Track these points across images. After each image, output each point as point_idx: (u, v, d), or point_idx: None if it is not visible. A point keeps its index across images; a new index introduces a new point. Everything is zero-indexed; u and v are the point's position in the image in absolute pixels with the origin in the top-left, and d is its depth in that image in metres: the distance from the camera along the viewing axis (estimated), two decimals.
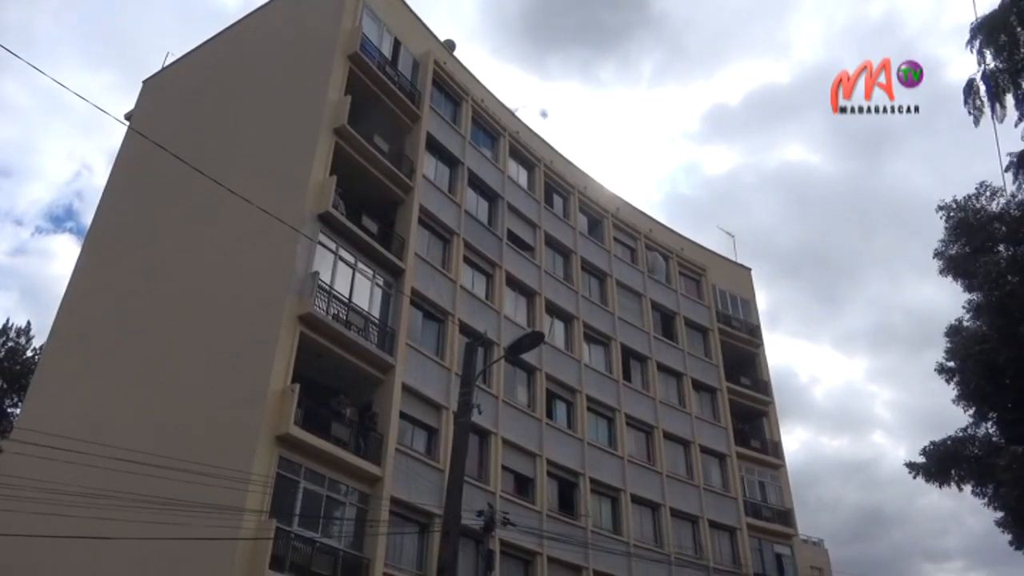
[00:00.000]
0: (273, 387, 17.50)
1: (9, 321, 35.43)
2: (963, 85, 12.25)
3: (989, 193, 15.42)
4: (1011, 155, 14.58)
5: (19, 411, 27.97)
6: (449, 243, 25.30)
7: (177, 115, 26.88)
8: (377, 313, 21.22)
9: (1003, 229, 15.35)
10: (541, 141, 32.32)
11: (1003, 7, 12.04)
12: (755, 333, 37.49)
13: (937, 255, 15.75)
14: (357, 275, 21.01)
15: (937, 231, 17.42)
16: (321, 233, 20.33)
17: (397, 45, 25.90)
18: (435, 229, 24.92)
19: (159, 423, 18.60)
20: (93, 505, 13.37)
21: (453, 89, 28.23)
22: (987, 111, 12.10)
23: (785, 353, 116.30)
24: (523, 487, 24.15)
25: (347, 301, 20.23)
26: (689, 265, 36.68)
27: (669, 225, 37.64)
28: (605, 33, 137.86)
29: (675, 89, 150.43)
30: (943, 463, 15.06)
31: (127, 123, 27.87)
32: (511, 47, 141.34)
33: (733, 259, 39.94)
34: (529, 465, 24.47)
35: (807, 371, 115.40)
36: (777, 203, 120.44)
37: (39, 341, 33.65)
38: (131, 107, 29.92)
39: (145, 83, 30.23)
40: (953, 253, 15.58)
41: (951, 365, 15.79)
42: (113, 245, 25.10)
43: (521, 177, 30.60)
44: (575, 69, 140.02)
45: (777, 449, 34.77)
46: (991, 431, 15.67)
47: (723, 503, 30.63)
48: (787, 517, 33.01)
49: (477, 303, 25.24)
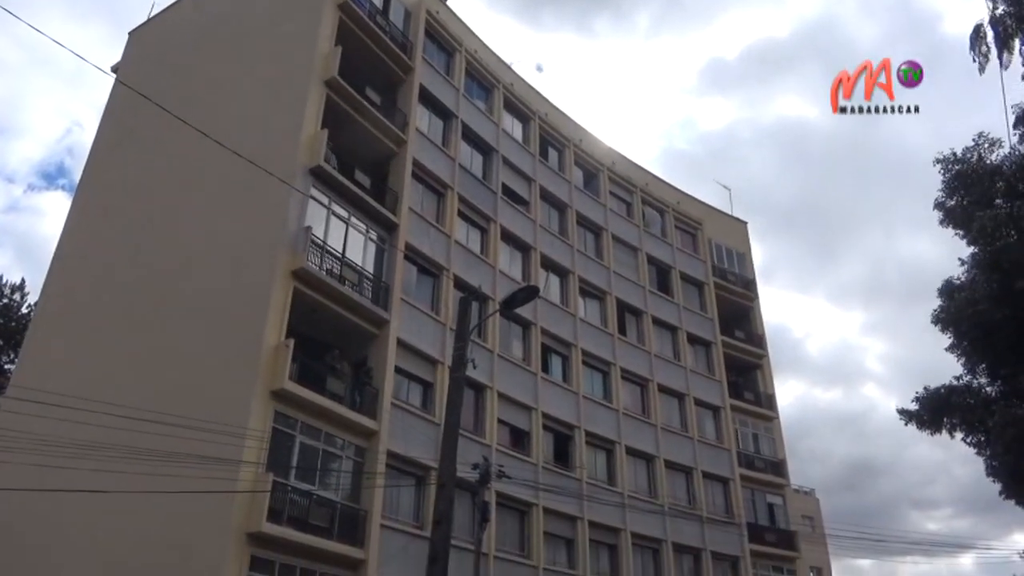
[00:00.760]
0: (267, 342, 17.47)
1: (3, 278, 35.16)
2: (962, 38, 12.00)
3: (988, 145, 15.21)
4: (1016, 107, 14.34)
5: (14, 367, 27.92)
6: (443, 197, 25.07)
7: (164, 67, 26.31)
8: (371, 268, 21.10)
9: (1001, 183, 15.18)
10: (536, 94, 31.83)
11: None
12: (750, 287, 37.50)
13: (937, 206, 15.59)
14: (350, 230, 20.83)
15: (933, 185, 17.23)
16: (313, 187, 20.09)
17: None
18: (429, 183, 24.65)
19: (154, 378, 18.60)
20: (90, 458, 13.42)
21: (446, 40, 27.68)
22: (993, 58, 11.86)
23: (779, 307, 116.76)
24: (519, 440, 24.35)
25: (340, 256, 20.09)
26: (685, 219, 36.49)
27: (665, 179, 37.36)
28: None
29: (671, 41, 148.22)
30: (935, 411, 15.12)
31: (113, 75, 27.32)
32: None
33: (729, 213, 39.76)
34: (525, 418, 24.64)
35: (801, 325, 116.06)
36: (774, 157, 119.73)
37: (34, 298, 33.50)
38: (118, 60, 29.28)
39: (131, 34, 29.54)
40: (952, 205, 15.44)
41: (945, 316, 15.75)
42: (103, 201, 24.80)
43: (516, 130, 30.21)
44: (569, 19, 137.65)
45: (771, 401, 35.08)
46: (984, 384, 15.72)
47: (717, 454, 30.99)
48: (779, 468, 33.45)
49: (472, 258, 25.11)
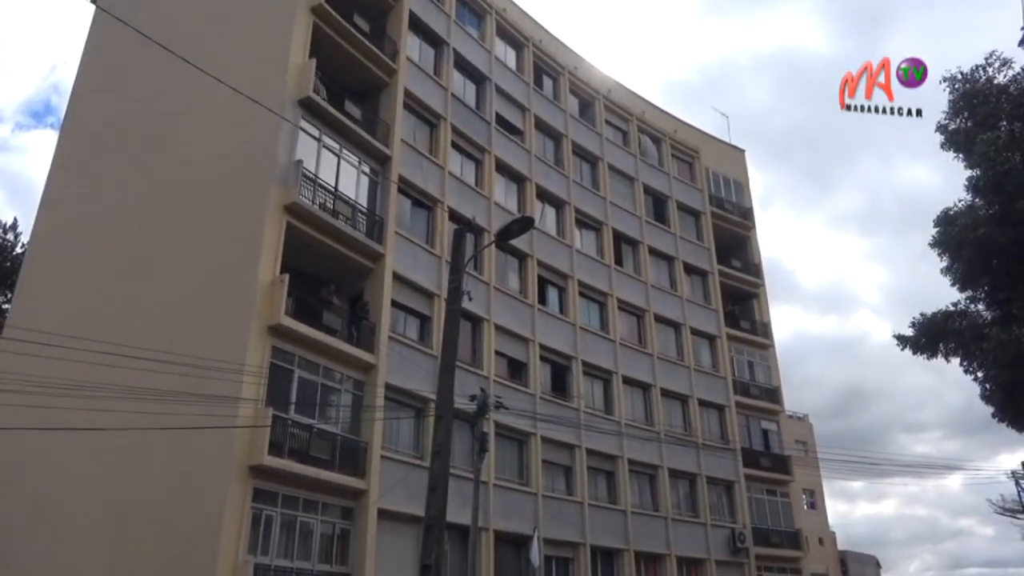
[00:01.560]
0: (262, 278, 17.35)
1: None
2: None
3: (999, 64, 14.85)
4: None
5: (9, 307, 27.85)
6: (436, 128, 24.59)
7: None
8: (364, 202, 20.82)
9: (1007, 104, 14.87)
10: (529, 19, 30.91)
11: None
12: (747, 216, 37.28)
13: (939, 128, 15.31)
14: (342, 163, 20.47)
15: (932, 112, 16.87)
16: (303, 119, 19.64)
17: None
18: (421, 114, 24.14)
19: (149, 316, 18.55)
20: (89, 397, 13.44)
21: None
22: None
23: (776, 236, 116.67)
24: (516, 371, 24.52)
25: (333, 190, 19.79)
26: (682, 148, 35.99)
27: (662, 107, 36.69)
28: None
29: None
30: (932, 336, 15.16)
31: (93, 5, 26.41)
32: None
33: (727, 141, 39.22)
34: (522, 350, 24.76)
35: (797, 254, 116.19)
36: (771, 85, 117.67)
37: (28, 238, 33.19)
38: None
39: None
40: (955, 127, 15.15)
41: (942, 241, 15.65)
42: (89, 139, 24.28)
43: (509, 58, 29.46)
44: None
45: (766, 330, 35.29)
46: (980, 308, 15.73)
47: (712, 382, 31.33)
48: (774, 394, 33.89)
49: (466, 190, 24.80)
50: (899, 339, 15.76)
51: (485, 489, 20.36)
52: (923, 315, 15.64)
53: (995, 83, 14.94)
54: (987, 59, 15.04)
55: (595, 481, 25.52)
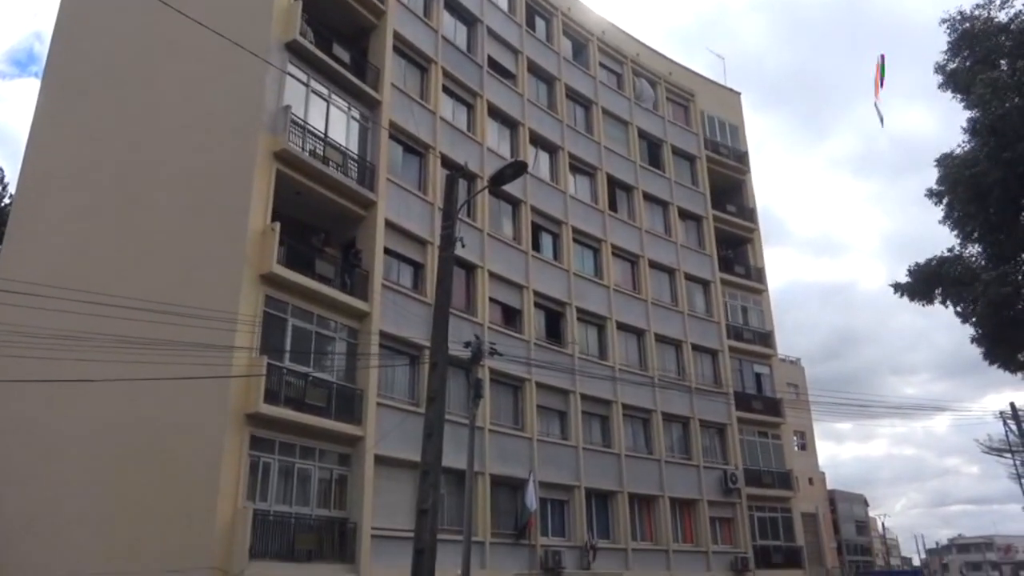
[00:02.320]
0: (253, 226, 17.18)
1: None
2: None
3: (999, 1, 14.51)
4: None
5: None
6: (427, 72, 24.11)
7: None
8: (355, 148, 20.53)
9: (1008, 43, 14.60)
10: None
11: None
12: (743, 160, 36.98)
13: (938, 69, 15.06)
14: (331, 108, 20.10)
15: (929, 55, 16.65)
16: (290, 64, 19.20)
17: None
18: (411, 57, 23.63)
19: (139, 266, 18.43)
20: (80, 348, 13.40)
21: None
22: None
23: (770, 181, 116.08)
24: (511, 318, 24.56)
25: (323, 136, 19.48)
26: (677, 91, 35.47)
27: (657, 50, 36.02)
28: None
29: None
30: (926, 282, 15.19)
31: None
32: None
33: (722, 84, 38.65)
34: (516, 296, 24.76)
35: (791, 198, 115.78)
36: (767, 27, 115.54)
37: (15, 189, 32.78)
38: None
39: None
40: (954, 67, 14.90)
41: (940, 189, 15.57)
42: (72, 87, 23.77)
43: None
44: None
45: (760, 275, 35.35)
46: (975, 253, 15.73)
47: (706, 327, 31.49)
48: (767, 339, 34.13)
49: (458, 135, 24.45)
50: (895, 287, 15.79)
51: (481, 434, 20.57)
52: (918, 263, 15.68)
53: (995, 22, 14.64)
54: None
55: (589, 425, 25.81)
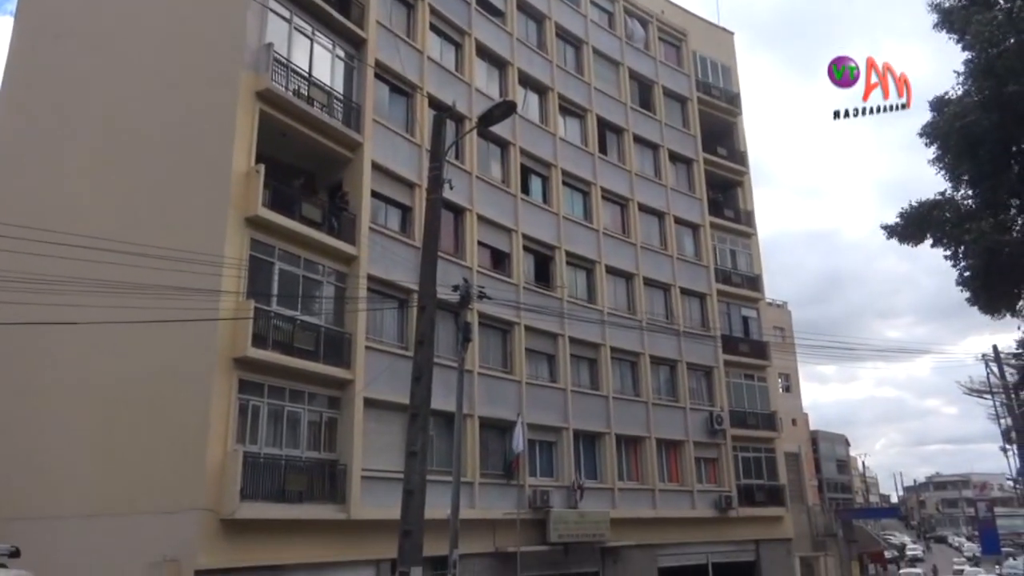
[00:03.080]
0: (236, 168, 16.88)
1: None
2: None
3: None
4: None
5: None
6: (413, 9, 23.45)
7: None
8: (340, 88, 20.07)
9: None
10: None
11: None
12: (734, 102, 36.50)
13: (933, 7, 14.73)
14: (316, 46, 19.57)
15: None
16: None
17: None
18: None
19: (121, 209, 18.15)
20: (63, 292, 13.25)
21: None
22: None
23: (760, 123, 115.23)
24: (499, 261, 24.48)
25: (307, 75, 19.00)
26: (669, 30, 34.77)
27: None
28: None
29: None
30: (916, 225, 15.15)
31: None
32: None
33: (715, 23, 37.94)
34: (505, 240, 24.63)
35: (781, 141, 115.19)
36: None
37: None
38: None
39: None
40: (950, 5, 14.58)
41: (933, 129, 15.41)
42: (48, 26, 23.05)
43: None
44: None
45: (749, 218, 35.27)
46: (965, 197, 15.68)
47: (695, 271, 31.54)
48: (755, 282, 34.25)
49: (446, 75, 23.94)
50: (886, 229, 15.75)
51: (469, 377, 20.69)
52: (910, 205, 15.60)
53: None
54: None
55: (578, 368, 26.00)
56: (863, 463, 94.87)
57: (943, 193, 15.33)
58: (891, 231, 15.40)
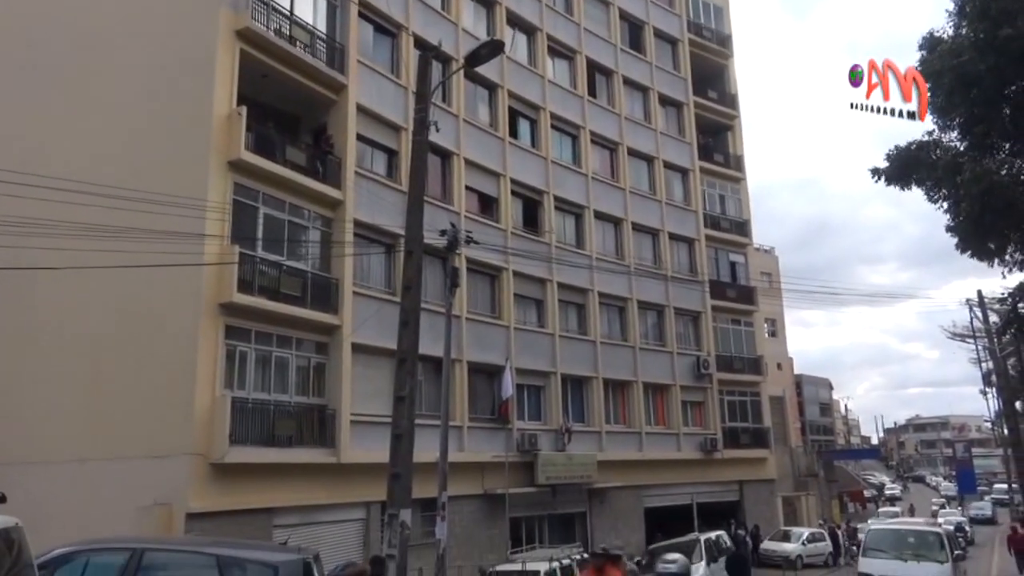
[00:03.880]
0: (217, 111, 16.48)
1: None
2: None
3: None
4: None
5: None
6: None
7: None
8: (323, 27, 19.51)
9: None
10: None
11: None
12: (726, 44, 35.87)
13: None
14: None
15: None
16: None
17: None
18: None
19: (97, 152, 17.69)
20: (44, 235, 13.00)
21: None
22: None
23: (751, 66, 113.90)
24: (487, 206, 24.26)
25: (289, 14, 18.45)
26: None
27: None
28: None
29: None
30: (904, 167, 15.02)
31: None
32: None
33: None
34: (493, 184, 24.37)
35: (769, 83, 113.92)
36: None
37: None
38: None
39: None
40: None
41: (924, 72, 15.17)
42: None
43: None
44: None
45: (739, 163, 35.03)
46: (956, 139, 15.51)
47: (683, 216, 31.42)
48: (743, 228, 34.20)
49: (432, 14, 23.31)
50: (874, 172, 15.59)
51: (458, 323, 20.69)
52: (897, 147, 15.41)
53: None
54: None
55: (566, 313, 26.06)
56: (845, 406, 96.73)
57: (931, 134, 15.16)
58: (879, 173, 15.25)
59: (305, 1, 19.09)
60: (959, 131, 15.37)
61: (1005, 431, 38.34)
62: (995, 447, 73.74)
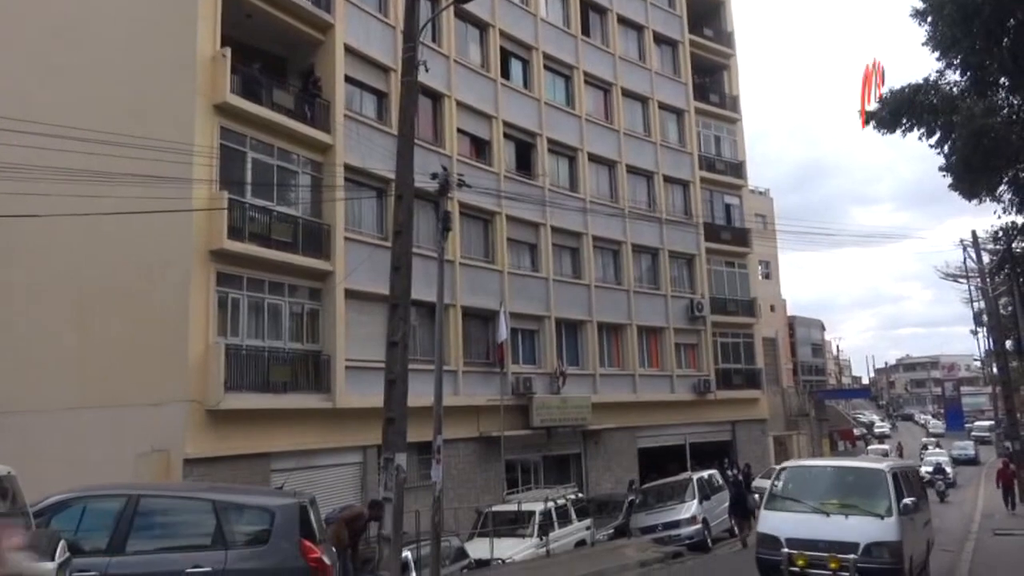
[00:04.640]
0: (201, 53, 16.05)
1: None
2: None
3: None
4: None
5: None
6: None
7: None
8: None
9: None
10: None
11: None
12: None
13: None
14: None
15: None
16: None
17: None
18: None
19: (80, 96, 17.25)
20: (26, 180, 12.75)
21: None
22: None
23: (747, 4, 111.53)
24: (480, 149, 23.94)
25: None
26: None
27: None
28: None
29: None
30: (897, 110, 14.79)
31: None
32: None
33: None
34: (485, 127, 24.00)
35: (765, 23, 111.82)
36: None
37: None
38: None
39: None
40: None
41: (926, 7, 14.82)
42: None
43: None
44: None
45: (735, 103, 34.55)
46: (952, 81, 15.27)
47: (678, 158, 31.10)
48: (739, 169, 33.93)
49: None
50: (867, 115, 15.37)
51: (451, 267, 20.60)
52: (891, 90, 15.16)
53: None
54: None
55: (560, 257, 25.98)
56: (837, 347, 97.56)
57: (926, 78, 14.88)
58: (872, 117, 15.02)
59: None
60: (960, 69, 15.11)
61: (995, 369, 38.77)
62: (983, 385, 74.77)
